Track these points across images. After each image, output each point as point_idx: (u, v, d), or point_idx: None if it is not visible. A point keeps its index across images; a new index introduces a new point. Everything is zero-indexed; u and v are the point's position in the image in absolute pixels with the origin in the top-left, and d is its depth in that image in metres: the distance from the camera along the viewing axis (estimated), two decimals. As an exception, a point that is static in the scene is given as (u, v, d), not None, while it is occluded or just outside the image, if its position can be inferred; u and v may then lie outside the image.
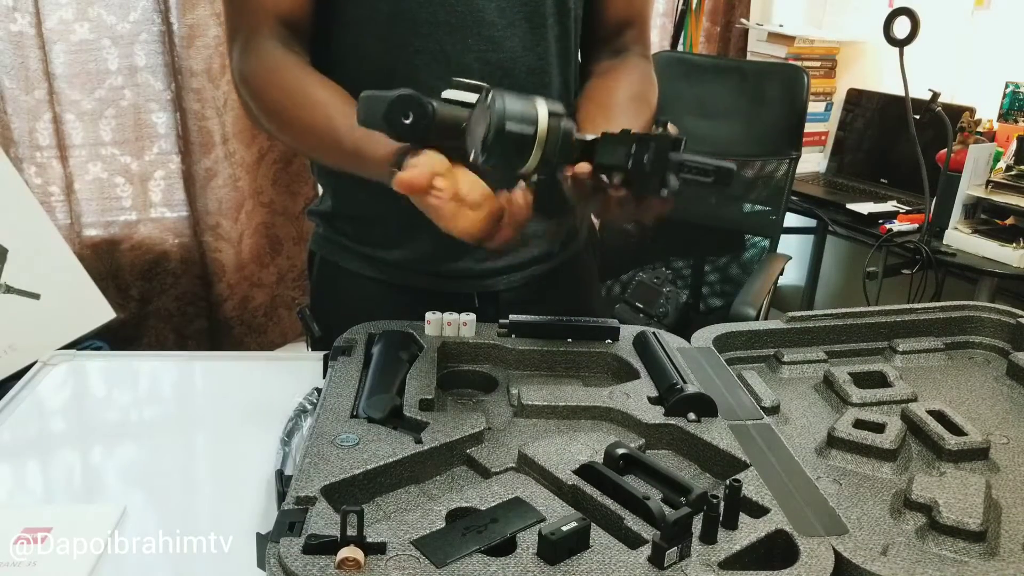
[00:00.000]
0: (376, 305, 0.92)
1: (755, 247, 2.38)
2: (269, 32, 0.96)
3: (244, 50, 0.97)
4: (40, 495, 0.86)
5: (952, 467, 0.75)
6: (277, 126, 0.98)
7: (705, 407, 0.78)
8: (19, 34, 1.97)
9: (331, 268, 1.13)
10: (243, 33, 0.97)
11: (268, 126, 1.00)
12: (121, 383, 1.08)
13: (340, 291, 1.14)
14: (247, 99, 0.99)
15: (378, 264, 1.09)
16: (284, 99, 0.96)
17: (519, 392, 0.81)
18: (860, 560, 0.59)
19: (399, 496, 0.67)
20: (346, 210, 1.10)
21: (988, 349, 1.01)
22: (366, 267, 1.10)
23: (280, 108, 0.96)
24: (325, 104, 0.93)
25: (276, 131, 1.01)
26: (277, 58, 0.97)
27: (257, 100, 0.98)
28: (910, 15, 2.06)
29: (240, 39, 0.97)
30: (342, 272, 1.12)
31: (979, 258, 2.12)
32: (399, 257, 1.08)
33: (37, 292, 1.35)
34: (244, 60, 0.97)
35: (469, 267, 1.08)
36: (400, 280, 1.08)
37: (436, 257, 1.07)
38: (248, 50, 0.96)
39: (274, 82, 0.96)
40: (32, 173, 2.07)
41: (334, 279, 1.14)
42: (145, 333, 2.30)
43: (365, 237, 1.09)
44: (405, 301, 1.00)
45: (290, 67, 0.98)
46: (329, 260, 1.14)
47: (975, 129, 2.27)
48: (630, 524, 0.61)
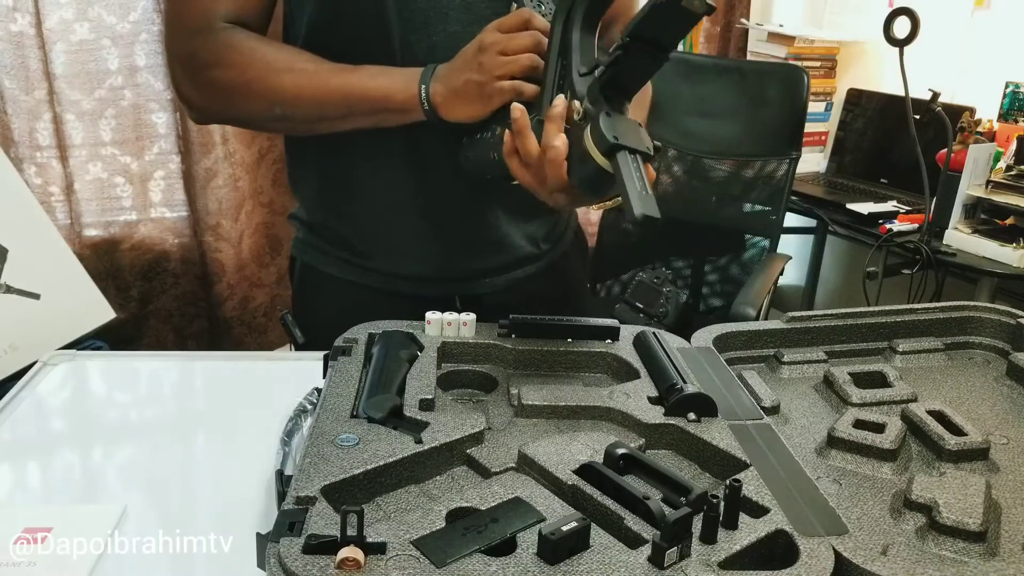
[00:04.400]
0: (358, 309, 0.92)
1: (755, 247, 2.38)
2: (225, 19, 0.96)
3: (202, 37, 0.96)
4: (40, 495, 0.86)
5: (952, 467, 0.75)
6: (265, 101, 0.97)
7: (705, 407, 0.78)
8: (19, 34, 1.97)
9: (312, 273, 1.13)
10: (195, 22, 0.96)
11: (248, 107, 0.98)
12: (121, 383, 1.08)
13: (322, 296, 1.13)
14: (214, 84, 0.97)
15: (359, 269, 1.09)
16: (280, 66, 0.95)
17: (519, 392, 0.81)
18: (860, 560, 0.59)
19: (399, 496, 0.67)
20: (324, 216, 1.09)
21: (988, 349, 1.01)
22: (347, 272, 1.09)
23: (274, 79, 0.95)
24: (328, 63, 0.95)
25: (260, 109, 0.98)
26: (249, 36, 0.97)
27: (236, 80, 0.96)
28: (910, 15, 2.06)
29: (193, 28, 0.96)
30: (324, 277, 1.11)
31: (979, 258, 2.12)
32: (380, 263, 1.07)
33: (37, 292, 1.35)
34: (205, 46, 0.96)
35: (450, 271, 1.07)
36: (381, 284, 1.08)
37: (416, 261, 1.06)
38: (209, 37, 0.96)
39: (259, 55, 0.96)
40: (32, 173, 2.07)
41: (316, 284, 1.13)
42: (145, 333, 2.30)
43: (345, 242, 1.09)
44: (387, 305, 0.99)
45: (269, 41, 0.98)
46: (310, 265, 1.13)
47: (975, 129, 2.27)
48: (630, 524, 0.61)
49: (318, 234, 1.11)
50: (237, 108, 1.01)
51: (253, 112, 1.00)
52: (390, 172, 1.03)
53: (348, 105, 0.95)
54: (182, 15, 0.98)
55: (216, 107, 1.02)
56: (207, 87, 0.99)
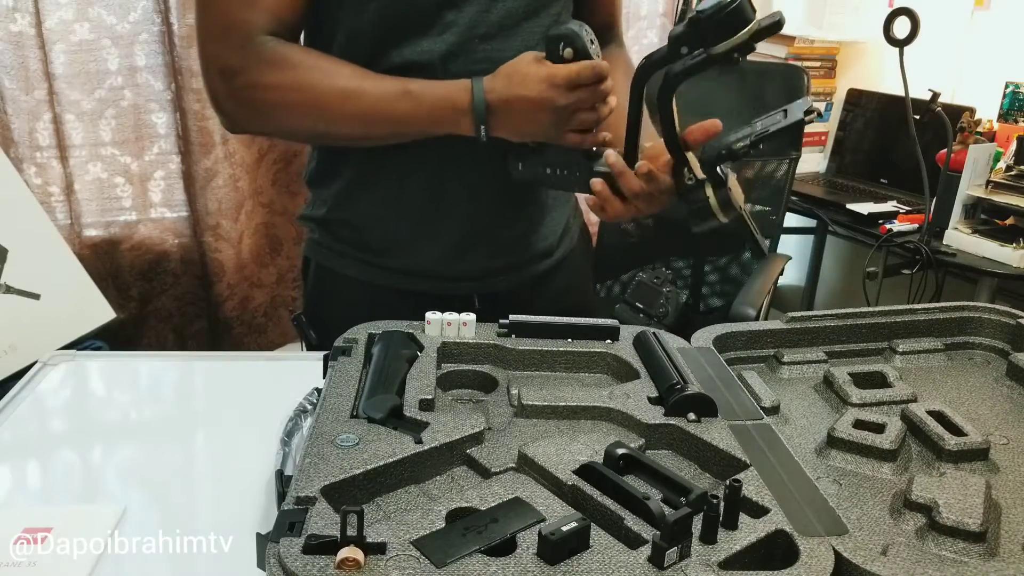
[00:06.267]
0: (375, 310, 0.93)
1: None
2: (264, 31, 0.95)
3: (243, 51, 0.95)
4: (40, 495, 0.86)
5: (952, 467, 0.75)
6: (309, 120, 0.97)
7: (705, 407, 0.78)
8: (19, 34, 1.97)
9: (328, 274, 1.12)
10: (237, 34, 0.95)
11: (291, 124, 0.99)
12: (121, 383, 1.08)
13: (337, 297, 1.13)
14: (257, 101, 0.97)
15: (377, 269, 1.08)
16: (326, 86, 0.95)
17: (519, 392, 0.81)
18: (860, 560, 0.59)
19: (399, 496, 0.67)
20: (345, 216, 1.09)
21: (988, 350, 1.01)
22: (365, 272, 1.09)
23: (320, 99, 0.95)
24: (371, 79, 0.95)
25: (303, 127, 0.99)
26: (291, 49, 0.97)
27: (280, 99, 0.96)
28: (910, 15, 2.06)
29: (233, 41, 0.95)
30: (340, 278, 1.11)
31: (979, 258, 2.12)
32: (400, 263, 1.07)
33: (37, 292, 1.35)
34: (247, 61, 0.95)
35: (471, 270, 1.08)
36: (400, 284, 1.08)
37: (437, 260, 1.06)
38: (250, 51, 0.95)
39: (304, 74, 0.95)
40: (32, 173, 2.07)
41: (331, 285, 1.13)
42: (145, 333, 2.29)
43: (364, 243, 1.08)
44: (407, 305, 1.00)
45: (310, 52, 0.98)
46: (325, 266, 1.12)
47: (975, 129, 2.27)
48: (630, 524, 0.61)
49: (335, 234, 1.10)
50: (279, 124, 1.01)
51: (295, 128, 1.01)
52: (419, 174, 1.04)
53: (394, 128, 0.96)
54: (220, 27, 0.96)
55: (257, 122, 1.02)
56: (249, 103, 0.98)
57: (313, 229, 1.13)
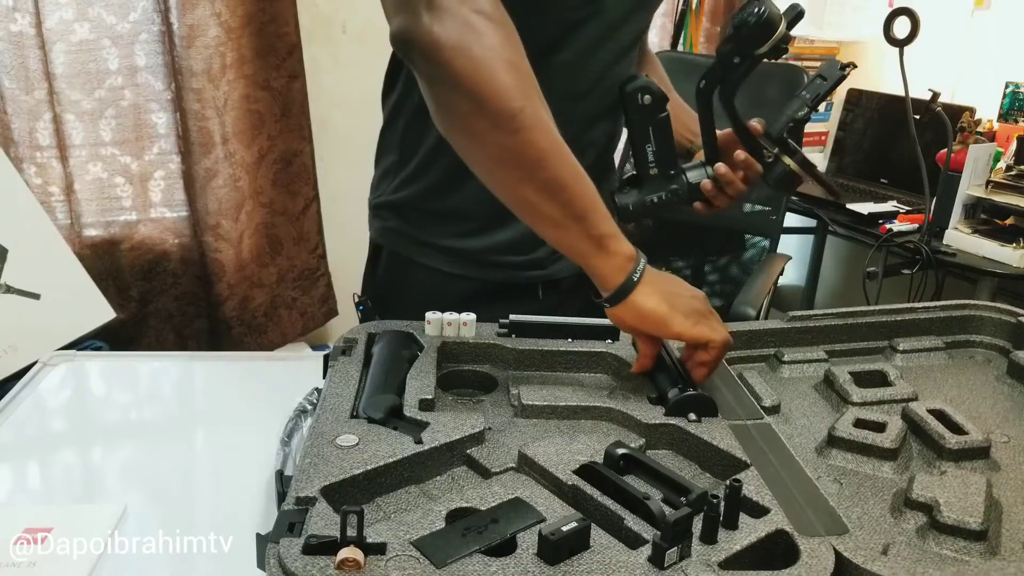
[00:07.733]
0: (445, 298, 0.93)
1: (755, 247, 2.38)
2: None
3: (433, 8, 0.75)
4: (40, 495, 0.86)
5: (953, 466, 0.75)
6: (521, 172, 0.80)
7: (705, 407, 0.78)
8: (19, 34, 1.97)
9: (400, 261, 1.12)
10: None
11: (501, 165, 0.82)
12: (121, 383, 1.08)
13: (408, 285, 1.12)
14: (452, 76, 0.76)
15: (454, 257, 1.08)
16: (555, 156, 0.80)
17: (519, 392, 0.81)
18: (860, 560, 0.59)
19: (399, 496, 0.67)
20: (431, 203, 1.07)
21: (989, 348, 1.01)
22: (439, 260, 1.09)
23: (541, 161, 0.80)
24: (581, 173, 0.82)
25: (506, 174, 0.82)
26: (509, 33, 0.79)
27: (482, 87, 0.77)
28: (910, 15, 2.05)
29: None
30: (413, 265, 1.11)
31: (979, 258, 2.12)
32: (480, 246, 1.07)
33: (37, 292, 1.35)
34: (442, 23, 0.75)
35: (541, 256, 1.09)
36: (474, 273, 1.08)
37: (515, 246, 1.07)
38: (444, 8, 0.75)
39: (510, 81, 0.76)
40: (32, 173, 2.07)
41: (403, 272, 1.12)
42: (145, 333, 2.29)
43: (445, 229, 1.08)
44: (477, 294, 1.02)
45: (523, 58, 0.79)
46: (399, 253, 1.12)
47: (975, 129, 2.27)
48: (630, 524, 0.61)
49: (414, 222, 1.09)
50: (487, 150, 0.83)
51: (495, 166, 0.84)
52: None
53: (547, 218, 0.82)
54: None
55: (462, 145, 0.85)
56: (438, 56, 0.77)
57: (387, 216, 1.13)
